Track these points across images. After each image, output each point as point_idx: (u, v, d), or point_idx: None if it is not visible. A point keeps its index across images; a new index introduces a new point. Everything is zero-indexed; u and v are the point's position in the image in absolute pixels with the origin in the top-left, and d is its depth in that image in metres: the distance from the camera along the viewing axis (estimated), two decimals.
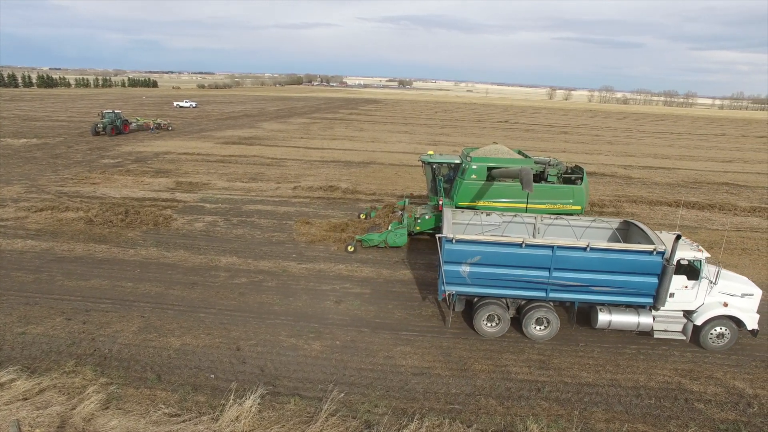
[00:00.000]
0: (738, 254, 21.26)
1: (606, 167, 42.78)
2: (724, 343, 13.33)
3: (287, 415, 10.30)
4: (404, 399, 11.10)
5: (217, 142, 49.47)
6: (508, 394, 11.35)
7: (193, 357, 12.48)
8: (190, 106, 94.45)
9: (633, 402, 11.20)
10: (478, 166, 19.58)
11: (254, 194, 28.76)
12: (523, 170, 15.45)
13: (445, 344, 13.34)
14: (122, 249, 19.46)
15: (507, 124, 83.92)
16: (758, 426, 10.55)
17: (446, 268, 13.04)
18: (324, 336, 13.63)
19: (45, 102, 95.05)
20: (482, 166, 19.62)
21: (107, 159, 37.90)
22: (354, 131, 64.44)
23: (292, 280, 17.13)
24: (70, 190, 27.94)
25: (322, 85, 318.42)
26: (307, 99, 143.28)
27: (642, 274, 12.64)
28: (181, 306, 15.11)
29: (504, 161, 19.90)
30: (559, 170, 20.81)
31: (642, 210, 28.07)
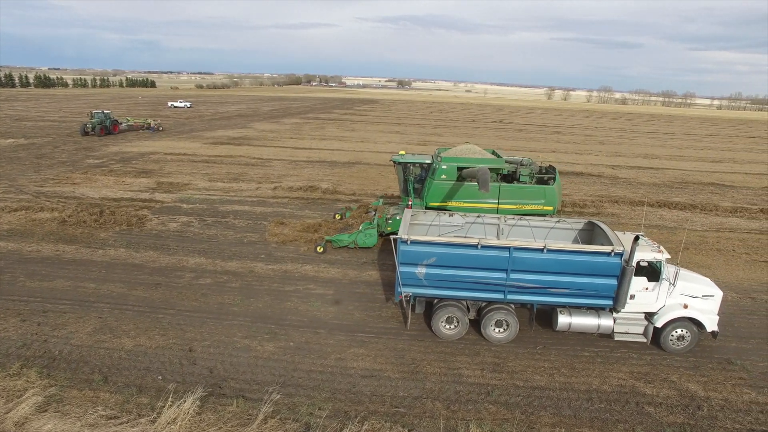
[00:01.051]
0: (713, 255, 21.09)
1: (594, 167, 42.62)
2: (684, 345, 13.18)
3: (227, 417, 10.18)
4: (350, 401, 10.97)
5: (205, 142, 49.39)
6: (456, 397, 11.21)
7: (144, 358, 12.36)
8: (184, 107, 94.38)
9: (583, 406, 11.06)
10: (448, 166, 19.44)
11: (233, 194, 28.66)
12: (479, 171, 15.30)
13: (400, 346, 13.21)
14: (91, 250, 19.35)
15: (501, 125, 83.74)
16: (704, 429, 10.41)
17: (402, 270, 12.91)
18: (279, 337, 13.51)
19: (39, 102, 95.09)
20: (452, 166, 19.48)
21: (92, 159, 37.83)
22: (345, 131, 64.34)
23: (257, 281, 17.01)
24: (49, 191, 27.85)
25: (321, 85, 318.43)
26: (304, 99, 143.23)
27: (601, 275, 12.50)
28: (140, 307, 14.99)
29: (474, 161, 19.76)
30: (531, 170, 20.67)
31: (623, 210, 27.91)
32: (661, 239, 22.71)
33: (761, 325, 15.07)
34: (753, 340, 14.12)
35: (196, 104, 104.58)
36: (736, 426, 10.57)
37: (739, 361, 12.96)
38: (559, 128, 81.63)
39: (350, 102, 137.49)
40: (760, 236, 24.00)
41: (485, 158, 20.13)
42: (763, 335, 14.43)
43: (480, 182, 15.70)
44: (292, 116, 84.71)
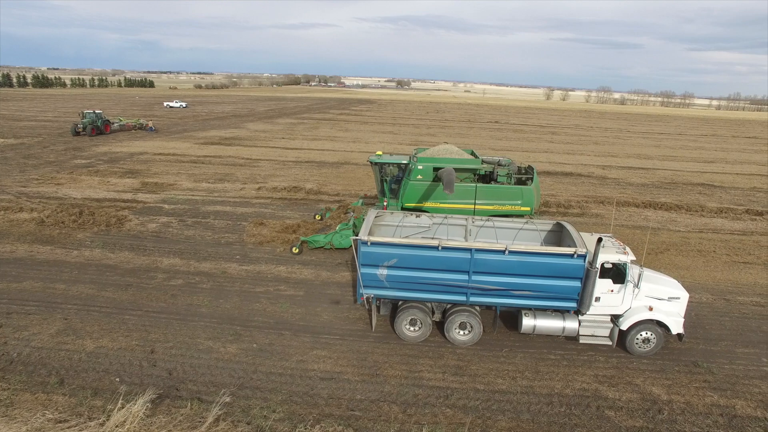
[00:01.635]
0: (693, 256, 20.96)
1: (584, 167, 42.47)
2: (650, 348, 13.06)
3: (179, 419, 10.09)
4: (305, 404, 10.87)
5: (196, 142, 49.33)
6: (413, 401, 11.10)
7: (105, 360, 12.26)
8: (180, 107, 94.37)
9: (542, 410, 10.94)
10: (423, 167, 19.33)
11: (217, 195, 28.57)
12: (444, 171, 15.14)
13: (363, 348, 13.11)
14: (66, 250, 19.27)
15: (496, 125, 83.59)
16: None
17: (363, 271, 12.81)
18: (243, 339, 13.41)
19: (35, 102, 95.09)
20: (428, 166, 19.37)
21: (80, 159, 37.77)
22: (339, 131, 64.25)
23: (228, 282, 16.91)
24: (32, 191, 27.78)
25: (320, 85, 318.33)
26: (301, 99, 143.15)
27: (564, 277, 12.38)
28: (108, 308, 14.90)
29: (450, 161, 19.65)
30: (509, 170, 20.54)
31: (608, 211, 27.76)
32: (642, 240, 22.61)
33: (732, 327, 14.95)
34: (722, 343, 14.00)
35: (192, 104, 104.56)
36: (695, 429, 10.46)
37: (706, 364, 12.84)
38: (554, 128, 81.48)
39: (347, 102, 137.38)
40: (742, 237, 23.87)
41: (462, 158, 20.02)
42: (733, 337, 14.30)
43: (444, 183, 15.55)
44: (287, 116, 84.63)
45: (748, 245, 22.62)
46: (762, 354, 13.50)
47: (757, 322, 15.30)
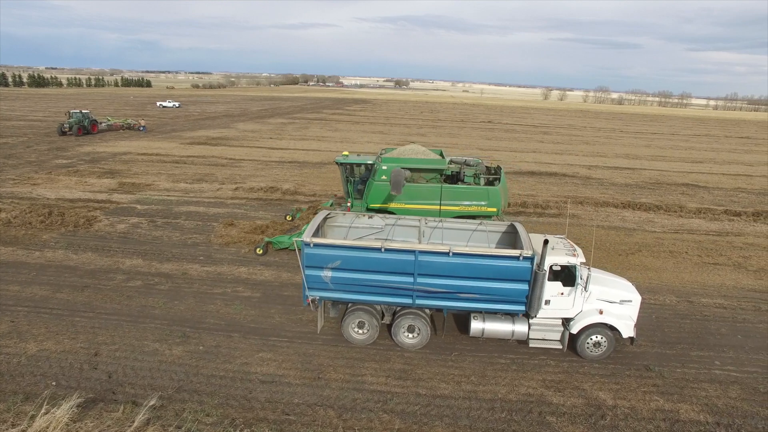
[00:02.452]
0: (664, 257, 20.76)
1: (570, 167, 42.28)
2: (601, 352, 12.87)
3: (107, 423, 9.92)
4: (241, 408, 10.70)
5: (182, 142, 49.18)
6: (352, 405, 10.93)
7: (45, 363, 12.09)
8: (173, 106, 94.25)
9: (482, 416, 10.76)
10: (388, 167, 19.13)
11: (193, 195, 28.41)
12: (393, 172, 14.87)
13: (310, 351, 12.94)
14: (28, 251, 19.11)
15: (489, 124, 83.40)
16: None
17: (307, 273, 12.61)
18: (190, 341, 13.25)
19: (27, 101, 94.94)
20: (393, 166, 19.17)
21: (62, 159, 37.62)
22: (328, 131, 64.08)
23: (187, 284, 16.74)
24: (6, 191, 27.63)
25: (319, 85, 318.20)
26: (297, 99, 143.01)
27: (510, 280, 12.17)
28: (60, 310, 14.73)
29: (416, 161, 19.46)
30: (476, 170, 20.34)
31: (585, 211, 27.59)
32: (616, 241, 22.50)
33: (691, 329, 14.77)
34: (679, 346, 13.82)
35: (185, 104, 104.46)
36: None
37: (658, 368, 12.66)
38: (547, 128, 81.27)
39: (342, 102, 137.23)
40: (716, 238, 23.67)
41: (427, 159, 19.82)
42: (690, 340, 14.13)
43: (391, 184, 15.25)
44: (279, 116, 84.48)
45: (721, 246, 22.43)
46: (716, 357, 13.32)
47: (716, 325, 15.12)
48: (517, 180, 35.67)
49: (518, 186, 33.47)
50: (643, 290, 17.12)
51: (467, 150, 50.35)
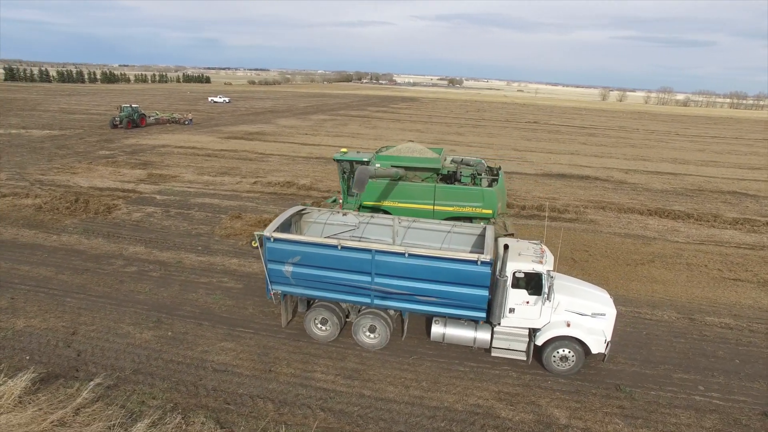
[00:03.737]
0: (678, 269, 19.29)
1: (605, 171, 40.16)
2: (569, 367, 12.15)
3: (59, 398, 10.46)
4: (187, 394, 11.01)
5: (219, 136, 51.12)
6: (292, 400, 10.96)
7: (26, 338, 12.97)
8: (223, 102, 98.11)
9: (420, 423, 10.45)
10: (381, 165, 18.94)
11: (212, 188, 29.47)
12: (358, 170, 14.59)
13: (270, 344, 13.09)
14: (47, 235, 20.55)
15: (534, 125, 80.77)
16: None
17: (270, 267, 12.77)
18: (162, 326, 13.77)
19: (95, 96, 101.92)
20: (385, 164, 18.96)
21: (105, 150, 40.15)
22: (365, 129, 64.42)
23: (178, 272, 17.41)
24: (47, 179, 29.84)
25: (372, 83, 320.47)
26: (346, 96, 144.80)
27: (469, 285, 11.73)
28: (56, 290, 15.74)
29: (409, 160, 19.14)
30: (475, 171, 19.75)
31: (606, 217, 26.11)
32: (630, 249, 21.22)
33: (683, 349, 13.64)
34: (662, 366, 12.80)
35: (236, 100, 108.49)
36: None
37: (630, 388, 11.79)
38: (595, 130, 77.65)
39: (390, 100, 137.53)
40: (747, 252, 21.69)
41: (421, 157, 19.42)
42: (678, 361, 13.05)
43: (354, 181, 14.93)
44: (322, 113, 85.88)
45: (750, 261, 20.54)
46: (701, 382, 12.24)
47: (714, 346, 13.88)
48: (542, 182, 34.36)
49: (540, 188, 32.23)
50: (642, 304, 16.11)
51: (500, 150, 49.07)
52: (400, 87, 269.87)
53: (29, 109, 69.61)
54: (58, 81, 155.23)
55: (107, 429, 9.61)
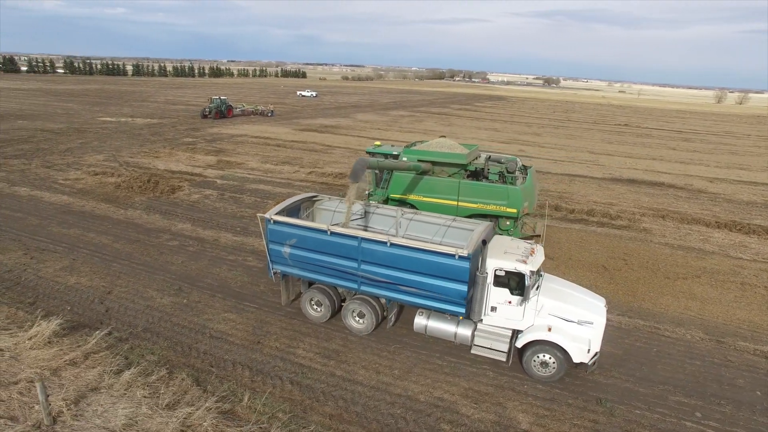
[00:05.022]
0: (727, 288, 17.38)
1: (686, 178, 36.56)
2: (550, 373, 11.69)
3: (78, 343, 12.20)
4: (181, 354, 12.28)
5: (295, 128, 53.96)
6: (268, 370, 11.78)
7: (72, 292, 15.15)
8: (310, 96, 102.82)
9: (378, 407, 10.72)
10: (407, 159, 19.17)
11: (270, 175, 31.46)
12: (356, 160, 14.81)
13: (267, 319, 14.04)
14: (117, 209, 23.45)
15: (624, 127, 75.13)
16: None
17: (271, 248, 13.70)
18: (181, 294, 15.31)
19: (198, 89, 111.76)
20: (411, 158, 19.15)
21: (189, 138, 44.29)
22: (440, 125, 64.22)
23: (211, 248, 19.09)
24: (134, 161, 33.76)
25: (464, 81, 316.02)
26: (432, 94, 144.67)
27: (447, 278, 11.71)
28: (108, 256, 18.07)
29: (434, 155, 19.13)
30: (504, 168, 19.27)
31: (663, 227, 23.97)
32: (678, 262, 19.56)
33: (693, 372, 12.45)
34: (660, 386, 11.83)
35: (323, 94, 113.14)
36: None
37: (611, 404, 11.10)
38: (694, 135, 70.39)
39: (476, 98, 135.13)
40: None
41: (448, 152, 19.29)
42: (683, 384, 11.96)
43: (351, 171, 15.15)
44: (403, 109, 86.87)
45: None
46: (702, 408, 11.14)
47: (735, 373, 12.49)
48: (605, 186, 32.23)
49: (600, 193, 30.28)
50: (665, 320, 14.93)
51: (574, 152, 46.55)
52: (492, 86, 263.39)
53: (141, 100, 78.42)
54: (173, 75, 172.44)
55: (103, 372, 11.08)
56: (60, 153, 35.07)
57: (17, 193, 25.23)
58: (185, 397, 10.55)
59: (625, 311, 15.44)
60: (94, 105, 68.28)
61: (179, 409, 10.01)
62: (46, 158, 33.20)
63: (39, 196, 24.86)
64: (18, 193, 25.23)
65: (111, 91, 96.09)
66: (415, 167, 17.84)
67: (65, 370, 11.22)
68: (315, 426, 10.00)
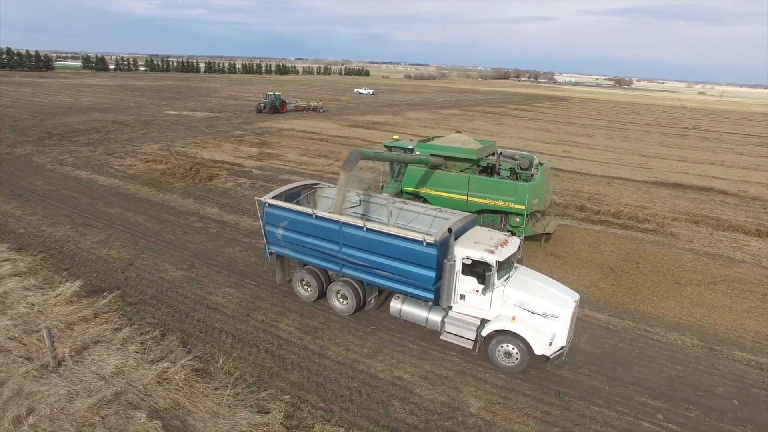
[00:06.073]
0: (743, 298, 16.38)
1: (739, 184, 33.99)
2: (513, 364, 11.86)
3: (94, 303, 13.89)
4: (177, 320, 13.64)
5: (342, 124, 55.50)
6: (248, 339, 12.84)
7: (101, 262, 17.08)
8: (367, 93, 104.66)
9: (338, 379, 11.41)
10: (420, 152, 19.63)
11: (304, 167, 32.90)
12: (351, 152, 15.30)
13: (262, 295, 15.14)
14: (157, 192, 25.70)
15: (692, 131, 70.32)
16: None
17: (267, 229, 14.76)
18: (192, 269, 16.80)
19: (261, 86, 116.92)
20: (424, 152, 19.58)
21: (239, 131, 46.94)
22: (489, 125, 63.48)
23: (229, 231, 20.58)
24: (183, 151, 36.48)
25: (530, 81, 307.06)
26: (492, 93, 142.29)
27: (416, 264, 12.21)
28: (138, 233, 20.01)
29: (446, 149, 19.44)
30: (517, 165, 19.25)
31: (693, 232, 22.70)
32: (698, 269, 18.74)
33: (671, 377, 12.10)
34: (628, 387, 11.64)
35: (380, 92, 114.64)
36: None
37: (570, 399, 11.11)
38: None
39: (536, 98, 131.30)
40: None
41: (459, 147, 19.53)
42: (654, 387, 11.68)
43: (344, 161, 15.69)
44: (457, 108, 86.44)
45: None
46: (667, 410, 10.89)
47: (716, 381, 12.00)
48: (644, 189, 30.79)
49: (636, 195, 29.00)
50: (659, 323, 14.57)
51: (623, 155, 44.55)
52: (558, 86, 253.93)
53: (206, 96, 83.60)
54: (241, 72, 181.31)
55: (107, 329, 12.62)
56: (122, 142, 38.59)
57: (79, 176, 28.26)
58: (170, 356, 11.82)
59: (618, 312, 15.09)
60: (163, 99, 73.75)
61: (160, 364, 11.27)
62: (110, 146, 36.69)
63: (95, 179, 27.72)
64: (79, 176, 28.26)
65: (182, 87, 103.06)
66: (421, 160, 18.30)
67: (77, 325, 12.88)
68: (275, 390, 10.89)
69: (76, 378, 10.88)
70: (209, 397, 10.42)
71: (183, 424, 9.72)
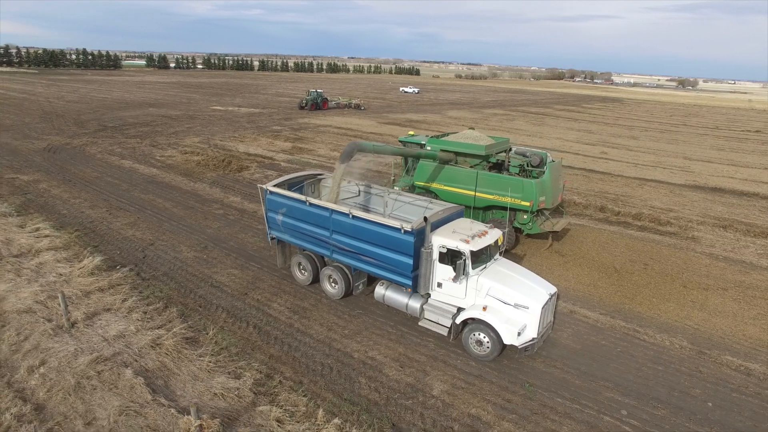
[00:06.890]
0: (755, 304, 15.69)
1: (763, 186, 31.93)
2: (485, 353, 12.15)
3: (111, 276, 15.38)
4: (181, 295, 14.84)
5: (380, 121, 56.38)
6: (241, 314, 13.82)
7: (126, 242, 18.70)
8: (412, 92, 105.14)
9: (314, 355, 12.09)
10: (431, 148, 20.04)
11: (331, 161, 33.84)
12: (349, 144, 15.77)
13: (263, 277, 16.13)
14: (189, 181, 27.49)
15: (754, 135, 65.97)
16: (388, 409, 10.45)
17: (268, 215, 15.73)
18: (205, 251, 18.08)
19: (310, 83, 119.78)
20: (435, 148, 19.97)
21: (278, 126, 48.80)
22: (530, 125, 62.38)
23: (247, 218, 21.82)
24: (221, 144, 38.51)
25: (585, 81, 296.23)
26: (541, 94, 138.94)
27: (395, 251, 12.72)
28: (163, 217, 21.61)
29: (455, 145, 19.72)
30: (527, 162, 19.27)
31: (718, 237, 21.71)
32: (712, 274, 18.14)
33: (647, 375, 11.97)
34: (599, 382, 11.64)
35: (426, 91, 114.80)
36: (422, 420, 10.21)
37: (535, 389, 11.28)
38: None
39: (587, 99, 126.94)
40: None
41: (468, 143, 19.73)
42: (626, 384, 11.62)
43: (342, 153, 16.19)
44: (500, 108, 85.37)
45: None
46: (634, 407, 10.84)
47: (695, 383, 11.76)
48: (678, 193, 29.59)
49: (667, 198, 27.94)
50: (651, 324, 14.44)
51: (665, 157, 42.70)
52: (615, 87, 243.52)
53: (254, 92, 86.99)
54: (293, 71, 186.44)
55: (117, 299, 13.99)
56: (167, 135, 41.22)
57: (122, 165, 30.63)
58: (168, 325, 12.97)
59: (610, 311, 14.93)
60: (213, 96, 77.52)
61: (157, 331, 12.44)
62: (155, 139, 39.32)
63: (136, 168, 29.97)
64: (123, 165, 30.63)
65: (233, 84, 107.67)
66: (419, 154, 18.69)
67: (93, 294, 14.34)
68: (255, 361, 11.77)
69: (83, 338, 12.23)
70: (193, 362, 11.44)
71: (165, 383, 10.77)
